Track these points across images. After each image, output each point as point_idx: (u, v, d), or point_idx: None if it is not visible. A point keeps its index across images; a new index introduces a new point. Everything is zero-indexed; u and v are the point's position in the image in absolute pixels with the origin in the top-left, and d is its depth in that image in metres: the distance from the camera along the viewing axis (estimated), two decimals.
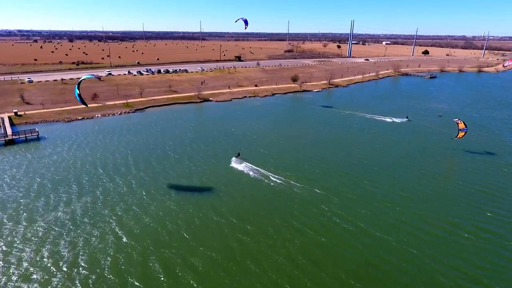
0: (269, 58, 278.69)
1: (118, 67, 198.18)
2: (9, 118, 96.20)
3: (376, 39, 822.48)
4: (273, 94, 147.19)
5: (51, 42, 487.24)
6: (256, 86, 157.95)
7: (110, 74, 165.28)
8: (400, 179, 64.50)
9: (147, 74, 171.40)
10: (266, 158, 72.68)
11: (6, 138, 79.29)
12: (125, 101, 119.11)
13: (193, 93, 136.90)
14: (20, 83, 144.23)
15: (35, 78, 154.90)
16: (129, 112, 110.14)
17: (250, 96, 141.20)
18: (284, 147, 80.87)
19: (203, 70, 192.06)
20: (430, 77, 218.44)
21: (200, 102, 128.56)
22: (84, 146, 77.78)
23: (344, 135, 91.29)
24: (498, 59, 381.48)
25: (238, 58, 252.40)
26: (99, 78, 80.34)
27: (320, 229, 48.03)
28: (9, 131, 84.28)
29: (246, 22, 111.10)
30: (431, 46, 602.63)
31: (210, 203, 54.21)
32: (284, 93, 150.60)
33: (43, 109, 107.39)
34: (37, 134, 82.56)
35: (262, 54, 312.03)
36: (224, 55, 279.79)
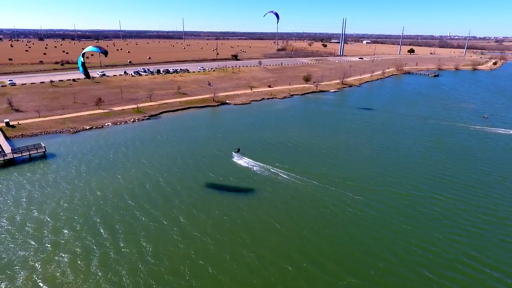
0: (265, 57, 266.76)
1: (110, 67, 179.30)
2: (1, 130, 78.60)
3: (355, 38, 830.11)
4: (291, 95, 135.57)
5: (17, 40, 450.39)
6: (269, 87, 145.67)
7: (104, 74, 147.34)
8: None
9: (146, 75, 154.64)
10: (338, 175, 60.92)
11: (5, 158, 62.54)
12: (135, 106, 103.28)
13: (206, 96, 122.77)
14: (1, 86, 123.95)
15: (17, 80, 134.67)
16: (142, 119, 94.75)
17: (268, 98, 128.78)
18: (347, 160, 69.36)
19: (204, 69, 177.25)
20: (434, 76, 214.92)
21: (217, 105, 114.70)
22: (102, 166, 62.50)
23: (407, 144, 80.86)
24: (481, 57, 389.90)
25: (235, 57, 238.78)
26: (105, 52, 65.77)
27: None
28: (6, 147, 67.36)
29: (277, 15, 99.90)
30: (409, 45, 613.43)
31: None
32: (302, 94, 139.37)
33: (40, 117, 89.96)
34: (43, 150, 66.31)
35: (255, 53, 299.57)
36: (218, 54, 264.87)
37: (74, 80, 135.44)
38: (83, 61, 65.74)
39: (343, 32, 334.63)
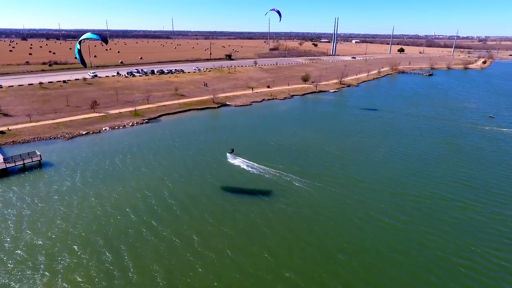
0: (259, 57, 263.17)
1: (101, 67, 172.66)
2: None
3: (343, 38, 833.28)
4: (292, 96, 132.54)
5: None
6: (268, 87, 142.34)
7: (96, 75, 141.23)
8: None
9: (140, 76, 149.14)
10: (354, 179, 58.00)
11: None
12: (132, 109, 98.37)
13: (205, 97, 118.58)
14: None
15: (3, 82, 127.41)
16: (141, 123, 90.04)
17: (268, 99, 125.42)
18: (360, 163, 66.54)
19: (199, 70, 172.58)
20: (428, 75, 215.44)
21: (217, 107, 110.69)
22: (101, 177, 57.77)
23: (419, 147, 78.59)
24: (469, 56, 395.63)
25: (229, 57, 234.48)
26: (105, 40, 61.36)
27: None
28: None
29: (279, 13, 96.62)
30: (397, 44, 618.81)
31: None
32: (302, 95, 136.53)
33: (31, 122, 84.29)
34: (39, 159, 61.32)
35: (248, 53, 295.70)
36: (211, 54, 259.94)
37: (64, 81, 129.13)
38: (79, 48, 60.98)
39: (335, 32, 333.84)
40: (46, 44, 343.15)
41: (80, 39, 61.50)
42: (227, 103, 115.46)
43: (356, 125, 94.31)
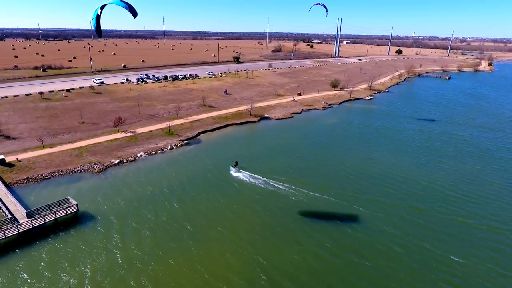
0: (266, 59, 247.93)
1: (103, 72, 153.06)
2: None
3: (333, 38, 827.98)
4: (330, 105, 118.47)
5: None
6: (299, 95, 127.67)
7: (102, 83, 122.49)
8: None
9: (153, 82, 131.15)
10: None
11: (20, 229, 40.02)
12: (163, 126, 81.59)
13: (239, 108, 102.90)
14: None
15: None
16: (180, 145, 73.47)
17: (307, 109, 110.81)
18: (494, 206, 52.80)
19: (214, 74, 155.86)
20: (448, 78, 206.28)
21: (257, 121, 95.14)
22: (153, 236, 42.18)
23: None
24: (467, 58, 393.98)
25: (237, 59, 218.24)
26: (134, 12, 45.64)
27: None
28: (14, 207, 44.42)
29: (326, 7, 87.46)
30: (386, 45, 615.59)
31: None
32: (340, 103, 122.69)
33: (44, 147, 66.30)
34: (75, 210, 44.37)
35: (252, 55, 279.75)
36: (214, 55, 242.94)
37: (68, 90, 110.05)
38: (99, 13, 45.19)
39: (339, 33, 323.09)
40: (30, 45, 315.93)
41: (102, 4, 45.08)
42: (266, 115, 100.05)
43: (429, 142, 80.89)
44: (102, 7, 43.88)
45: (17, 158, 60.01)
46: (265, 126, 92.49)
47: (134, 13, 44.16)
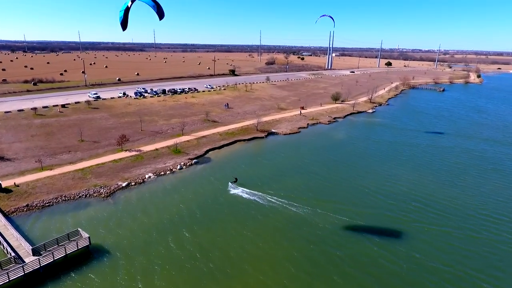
0: (261, 72, 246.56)
1: (97, 86, 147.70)
2: None
3: (322, 51, 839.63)
4: (334, 119, 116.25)
5: None
6: (302, 108, 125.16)
7: (99, 97, 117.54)
8: None
9: (151, 96, 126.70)
10: None
11: (26, 269, 34.93)
12: (168, 144, 77.20)
13: (245, 123, 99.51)
14: None
15: None
16: (189, 164, 69.18)
17: (313, 124, 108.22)
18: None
19: (213, 88, 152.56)
20: (442, 90, 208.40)
21: (265, 136, 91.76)
22: (186, 273, 37.60)
23: None
24: (454, 70, 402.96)
25: (232, 72, 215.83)
26: (161, 14, 42.35)
27: None
28: (16, 242, 39.28)
29: (332, 18, 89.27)
30: (375, 57, 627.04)
31: None
32: (344, 117, 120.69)
33: (43, 169, 61.04)
34: (86, 243, 39.55)
35: (246, 67, 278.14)
36: (209, 68, 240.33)
37: (63, 106, 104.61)
38: (129, 5, 41.61)
39: (331, 46, 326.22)
40: (17, 58, 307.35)
41: None
42: (273, 130, 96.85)
43: (444, 158, 78.79)
44: (133, 1, 40.29)
45: (14, 183, 54.66)
46: (273, 142, 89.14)
47: (161, 14, 40.67)
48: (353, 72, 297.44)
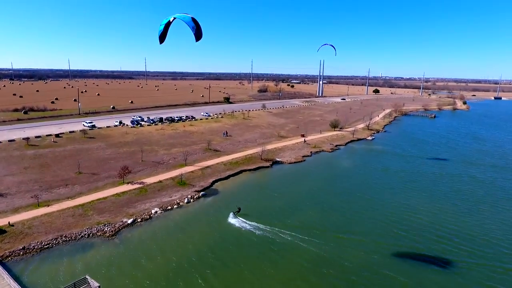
0: (255, 99, 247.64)
1: (91, 114, 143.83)
2: None
3: (310, 79, 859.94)
4: (336, 146, 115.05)
5: None
6: (303, 136, 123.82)
7: (94, 126, 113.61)
8: None
9: (148, 125, 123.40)
10: None
11: None
12: (172, 175, 73.43)
13: (249, 152, 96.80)
14: None
15: None
16: (197, 197, 65.40)
17: (316, 152, 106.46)
18: None
19: (210, 115, 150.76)
20: (433, 117, 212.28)
21: (270, 166, 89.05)
22: None
23: None
24: (440, 97, 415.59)
25: (227, 100, 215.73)
26: (199, 35, 40.17)
27: None
28: None
29: (334, 47, 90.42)
30: (362, 85, 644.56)
31: None
32: (345, 144, 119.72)
33: (39, 205, 56.18)
34: None
35: (240, 95, 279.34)
36: (202, 96, 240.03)
37: (57, 135, 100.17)
38: (171, 20, 40.65)
39: (322, 74, 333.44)
40: (4, 86, 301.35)
41: (175, 15, 39.95)
42: (277, 159, 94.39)
43: (455, 187, 77.33)
44: (174, 18, 38.66)
45: (8, 222, 49.61)
46: (279, 171, 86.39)
47: (199, 35, 38.95)
48: (344, 99, 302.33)
